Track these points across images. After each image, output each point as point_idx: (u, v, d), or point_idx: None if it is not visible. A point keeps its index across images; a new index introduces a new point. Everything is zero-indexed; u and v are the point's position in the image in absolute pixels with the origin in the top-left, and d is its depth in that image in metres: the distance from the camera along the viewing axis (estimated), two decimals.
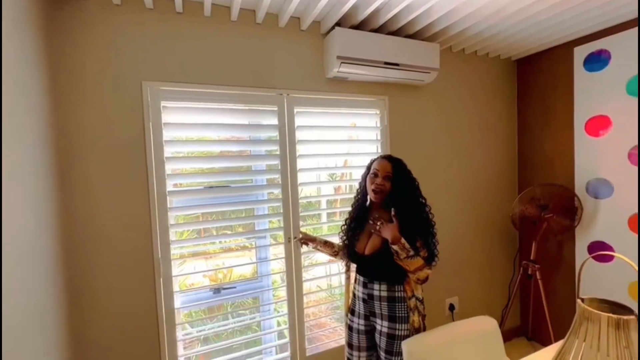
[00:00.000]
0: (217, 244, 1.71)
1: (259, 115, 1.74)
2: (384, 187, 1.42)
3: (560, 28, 1.97)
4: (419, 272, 1.32)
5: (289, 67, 1.77)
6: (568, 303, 2.24)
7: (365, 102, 1.97)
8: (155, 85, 1.49)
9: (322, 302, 1.96)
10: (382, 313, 1.43)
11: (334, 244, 1.70)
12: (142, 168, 1.49)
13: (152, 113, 1.49)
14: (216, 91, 1.61)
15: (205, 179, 1.64)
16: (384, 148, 2.02)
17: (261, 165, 1.81)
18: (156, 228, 1.51)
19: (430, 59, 1.92)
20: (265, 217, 1.77)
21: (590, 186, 2.07)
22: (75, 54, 1.37)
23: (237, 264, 1.72)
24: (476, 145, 2.38)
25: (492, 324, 1.47)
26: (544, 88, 2.33)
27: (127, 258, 1.48)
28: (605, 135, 1.98)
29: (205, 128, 1.62)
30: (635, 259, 1.86)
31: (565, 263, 2.26)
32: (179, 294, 1.59)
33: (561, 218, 2.08)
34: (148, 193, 1.50)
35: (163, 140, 1.51)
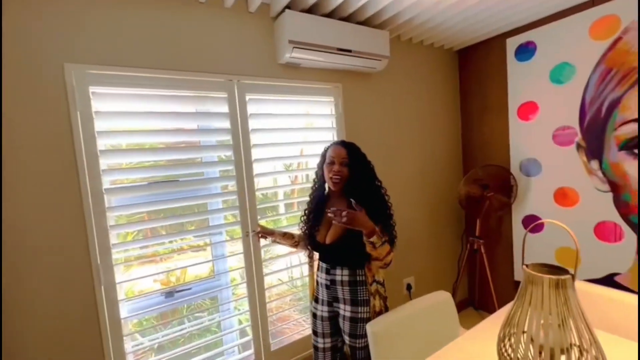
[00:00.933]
0: (167, 244, 1.57)
1: (207, 103, 1.61)
2: (342, 174, 1.41)
3: (494, 20, 2.12)
4: (386, 258, 1.34)
5: (238, 52, 1.67)
6: (507, 273, 2.48)
7: (319, 90, 1.94)
8: (81, 68, 1.30)
9: (285, 295, 1.92)
10: (345, 297, 1.43)
11: (294, 235, 1.67)
12: (71, 164, 1.29)
13: (80, 100, 1.30)
14: (157, 76, 1.45)
15: (148, 173, 1.49)
16: (340, 136, 2.02)
17: (212, 157, 1.69)
18: (92, 231, 1.33)
19: (381, 47, 1.95)
20: (219, 211, 1.67)
21: (523, 165, 2.29)
22: None
23: (191, 264, 1.60)
24: (425, 131, 2.49)
25: (446, 297, 1.55)
26: (481, 77, 2.51)
27: (60, 267, 1.29)
28: (534, 119, 2.20)
29: (146, 117, 1.46)
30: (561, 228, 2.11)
31: (504, 236, 2.49)
32: (125, 302, 1.43)
33: (500, 195, 2.28)
34: (80, 192, 1.31)
35: (95, 131, 1.33)
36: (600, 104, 1.88)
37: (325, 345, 1.55)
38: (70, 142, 1.29)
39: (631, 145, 1.79)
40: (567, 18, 1.97)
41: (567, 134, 2.04)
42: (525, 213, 2.31)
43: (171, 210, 1.58)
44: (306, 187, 1.94)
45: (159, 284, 1.65)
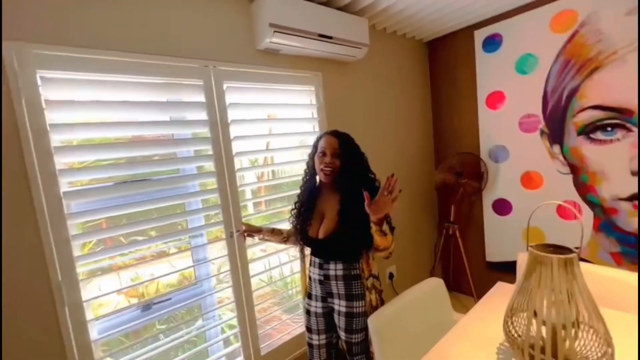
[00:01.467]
0: (140, 251, 1.38)
1: (180, 91, 1.44)
2: (334, 166, 1.35)
3: (463, 12, 2.18)
4: (391, 246, 1.30)
5: (213, 35, 1.51)
6: (479, 254, 2.62)
7: (300, 78, 1.85)
8: (25, 47, 1.07)
9: (269, 296, 1.82)
10: (339, 292, 1.39)
11: (282, 231, 1.58)
12: (17, 164, 1.07)
13: (25, 87, 1.07)
14: (120, 59, 1.26)
15: (114, 172, 1.29)
16: (322, 126, 1.95)
17: (188, 152, 1.53)
18: (50, 243, 1.12)
19: (361, 34, 1.90)
20: (199, 211, 1.52)
21: (492, 152, 2.42)
22: None
23: (171, 271, 1.43)
24: (399, 120, 2.51)
25: (439, 283, 1.58)
26: (451, 68, 2.59)
27: (11, 288, 1.07)
28: (501, 108, 2.32)
29: (108, 107, 1.26)
30: (529, 209, 2.27)
31: (475, 220, 2.62)
32: (94, 322, 1.24)
33: (473, 182, 2.38)
34: (31, 197, 1.09)
35: (47, 124, 1.11)
36: (561, 93, 2.02)
37: (321, 342, 1.50)
38: (16, 137, 1.06)
39: (588, 131, 1.95)
40: (530, 11, 2.09)
41: (531, 122, 2.18)
42: (495, 197, 2.44)
43: (143, 214, 1.40)
44: (291, 180, 1.86)
45: (134, 297, 1.46)
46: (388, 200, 1.19)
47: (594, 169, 1.96)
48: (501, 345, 1.09)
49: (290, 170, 1.88)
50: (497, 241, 2.49)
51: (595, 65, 1.87)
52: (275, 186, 1.88)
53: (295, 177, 1.76)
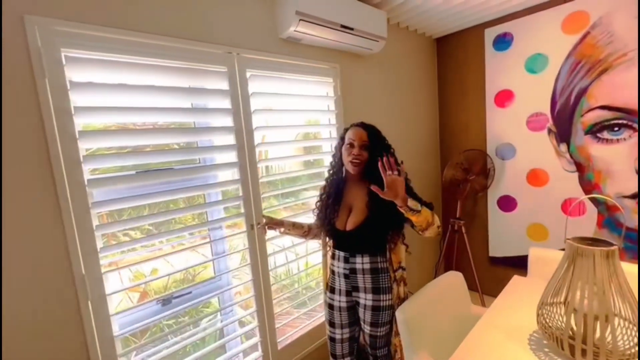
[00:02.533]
0: (160, 243, 1.33)
1: (203, 78, 1.38)
2: (362, 157, 1.34)
3: (474, 10, 2.20)
4: (435, 219, 1.30)
5: (238, 21, 1.46)
6: (483, 250, 2.67)
7: (319, 70, 1.82)
8: (48, 24, 0.99)
9: (290, 289, 1.80)
10: (366, 286, 1.39)
11: (303, 224, 1.56)
12: (41, 150, 1.00)
13: (49, 67, 1.00)
14: (145, 41, 1.19)
15: (137, 160, 1.23)
16: (339, 119, 1.93)
17: (209, 141, 1.48)
18: (74, 234, 1.06)
19: (379, 27, 1.88)
20: (219, 203, 1.47)
21: (498, 150, 2.46)
22: None
23: (190, 265, 1.39)
24: (408, 116, 2.52)
25: (459, 277, 1.60)
26: (459, 65, 2.61)
27: (34, 283, 1.00)
28: (510, 106, 2.36)
29: (132, 91, 1.19)
30: (534, 205, 2.34)
31: (479, 216, 2.67)
32: (116, 316, 1.18)
33: (481, 178, 2.43)
34: (55, 185, 1.02)
35: (71, 106, 1.04)
36: (570, 93, 2.08)
37: (344, 335, 1.49)
38: (39, 121, 0.99)
39: (595, 130, 2.02)
40: (543, 12, 2.13)
41: (539, 120, 2.23)
42: (500, 194, 2.50)
43: (164, 204, 1.34)
44: (314, 172, 1.83)
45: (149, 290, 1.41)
46: (395, 177, 1.19)
47: (599, 167, 2.03)
48: (532, 335, 1.11)
49: (285, 166, 1.85)
50: (501, 237, 2.54)
51: (605, 67, 1.93)
52: (292, 179, 1.84)
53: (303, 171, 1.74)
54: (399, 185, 1.18)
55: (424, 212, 1.25)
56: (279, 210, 1.74)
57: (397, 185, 1.18)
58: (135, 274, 1.41)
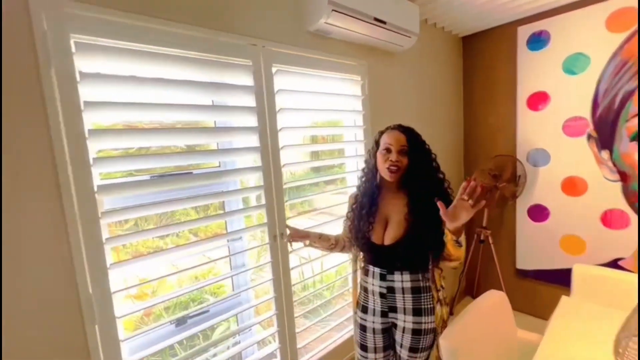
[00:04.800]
0: (180, 255, 1.18)
1: (225, 71, 1.24)
2: (401, 164, 1.20)
3: (506, 8, 2.06)
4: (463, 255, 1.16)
5: (263, 10, 1.32)
6: (509, 262, 2.51)
7: (346, 66, 1.67)
8: (55, 5, 0.85)
9: (309, 304, 1.65)
10: (406, 307, 1.24)
11: (330, 236, 1.41)
12: (44, 150, 0.85)
13: (56, 54, 0.86)
14: (161, 27, 1.05)
15: (151, 163, 1.09)
16: (366, 120, 1.78)
17: (229, 143, 1.33)
18: (80, 248, 0.91)
19: (412, 22, 1.74)
20: (242, 211, 1.32)
21: (530, 155, 2.31)
22: None
23: (211, 282, 1.24)
24: (432, 118, 2.37)
25: (501, 296, 1.45)
26: (488, 65, 2.46)
27: (33, 304, 0.86)
28: (544, 109, 2.21)
29: (146, 84, 1.05)
30: (569, 216, 2.18)
31: (506, 226, 2.51)
32: (127, 342, 1.04)
33: (511, 186, 2.27)
34: (60, 192, 0.88)
35: (81, 101, 0.90)
36: (614, 96, 1.92)
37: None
38: (43, 116, 0.85)
39: None
40: (584, 9, 1.97)
41: (577, 125, 2.08)
42: (531, 203, 2.34)
43: (178, 214, 1.20)
44: (338, 177, 1.69)
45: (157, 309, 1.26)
46: (467, 206, 1.03)
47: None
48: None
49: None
50: (530, 248, 2.38)
51: None
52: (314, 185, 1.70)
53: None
54: (465, 215, 1.02)
55: (464, 247, 1.13)
56: (298, 219, 1.59)
57: (464, 215, 1.02)
58: (142, 290, 1.27)
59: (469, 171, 2.63)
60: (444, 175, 1.28)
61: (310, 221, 1.63)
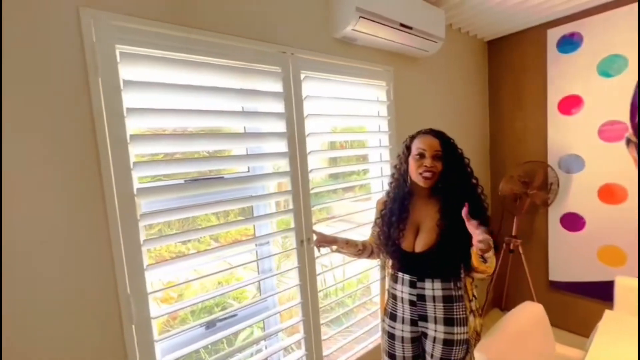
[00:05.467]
0: (207, 259, 1.21)
1: (255, 79, 1.27)
2: (436, 169, 1.17)
3: (536, 10, 2.01)
4: (491, 269, 1.11)
5: (292, 20, 1.35)
6: (541, 273, 2.40)
7: (372, 72, 1.68)
8: (104, 17, 0.91)
9: (333, 311, 1.63)
10: (437, 316, 1.20)
11: (357, 242, 1.39)
12: (91, 155, 0.90)
13: (104, 64, 0.91)
14: (198, 37, 1.09)
15: (187, 168, 1.12)
16: (390, 126, 1.77)
17: (258, 148, 1.36)
18: (120, 249, 0.95)
19: (438, 27, 1.73)
20: (269, 216, 1.34)
21: (562, 162, 2.21)
22: None
23: (240, 285, 1.25)
24: (460, 125, 2.33)
25: (538, 309, 1.38)
26: (515, 69, 2.40)
27: (74, 308, 0.89)
28: (577, 114, 2.12)
29: (182, 91, 1.09)
30: (607, 225, 2.06)
31: (538, 235, 2.41)
32: (160, 342, 1.06)
33: (542, 193, 2.18)
34: (103, 195, 0.92)
35: (124, 107, 0.94)
36: None
37: None
38: (90, 122, 0.90)
39: None
40: (619, 9, 1.90)
41: (615, 129, 1.98)
42: (564, 211, 2.23)
43: (207, 218, 1.22)
44: (362, 183, 1.68)
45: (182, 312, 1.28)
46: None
47: None
48: None
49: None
50: (564, 259, 2.27)
51: None
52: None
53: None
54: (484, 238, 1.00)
55: (491, 263, 1.07)
56: (323, 223, 1.59)
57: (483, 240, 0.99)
58: (168, 293, 1.30)
59: (496, 177, 2.54)
60: (477, 180, 1.25)
61: (331, 228, 1.62)
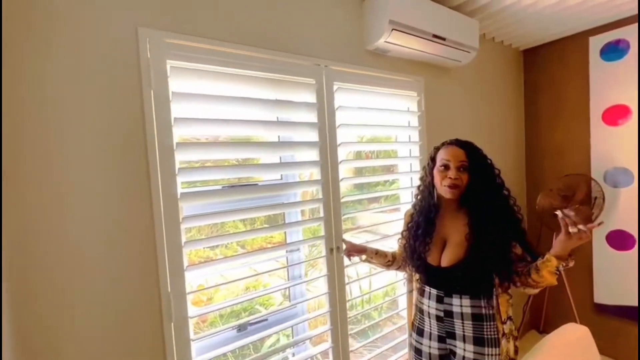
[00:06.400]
0: (241, 263, 1.25)
1: (289, 90, 1.32)
2: (461, 181, 1.14)
3: (577, 17, 1.94)
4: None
5: (326, 33, 1.40)
6: (585, 294, 2.23)
7: (403, 83, 1.69)
8: (158, 36, 1.00)
9: (361, 323, 1.61)
10: (465, 334, 1.15)
11: (387, 253, 1.38)
12: (141, 161, 0.98)
13: (156, 77, 0.99)
14: (238, 52, 1.16)
15: (226, 174, 1.18)
16: (421, 136, 1.76)
17: (291, 157, 1.40)
18: (163, 249, 1.01)
19: (471, 37, 1.72)
20: (300, 223, 1.36)
21: (608, 175, 2.08)
22: None
23: (271, 290, 1.28)
24: (492, 135, 2.27)
25: (583, 332, 1.29)
26: (554, 78, 2.31)
27: (119, 302, 0.95)
28: (625, 124, 2.00)
29: (224, 102, 1.15)
30: None
31: (581, 253, 2.25)
32: (195, 342, 1.10)
33: (586, 208, 2.05)
34: (151, 198, 0.99)
35: (172, 117, 1.02)
36: None
37: None
38: (142, 131, 0.98)
39: None
40: None
41: None
42: (611, 228, 2.08)
43: (227, 226, 1.27)
44: (390, 194, 1.67)
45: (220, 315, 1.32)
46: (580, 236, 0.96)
47: None
48: None
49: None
50: (612, 280, 2.10)
51: None
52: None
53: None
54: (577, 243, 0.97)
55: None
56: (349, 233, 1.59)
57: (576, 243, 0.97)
58: (198, 296, 1.34)
59: (533, 191, 2.43)
60: (509, 191, 1.20)
61: (356, 239, 1.62)
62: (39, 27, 0.84)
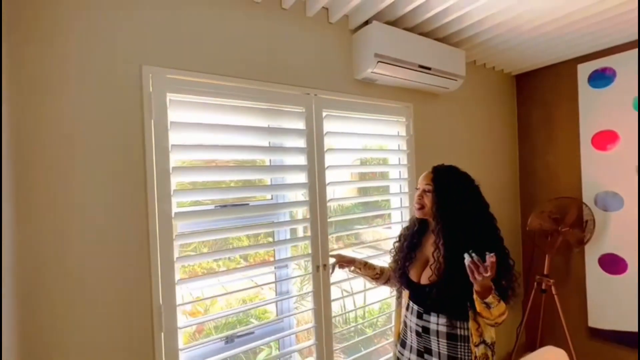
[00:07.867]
0: (232, 278, 1.33)
1: (281, 118, 1.43)
2: (422, 203, 1.22)
3: (564, 46, 2.02)
4: (498, 318, 1.08)
5: (316, 64, 1.52)
6: (579, 318, 2.23)
7: (391, 109, 1.78)
8: (160, 72, 1.12)
9: (348, 338, 1.66)
10: (441, 352, 1.19)
11: (375, 266, 1.45)
12: (140, 183, 1.09)
13: (156, 108, 1.11)
14: (232, 84, 1.28)
15: (218, 195, 1.28)
16: (410, 159, 1.84)
17: (281, 179, 1.49)
18: (157, 264, 1.10)
19: (457, 66, 1.81)
20: (288, 242, 1.45)
21: (599, 199, 2.11)
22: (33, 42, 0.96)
23: (256, 305, 1.35)
24: (484, 157, 2.33)
25: (559, 354, 1.31)
26: (544, 103, 2.38)
27: (114, 311, 1.05)
28: (613, 150, 2.04)
29: (219, 130, 1.27)
30: None
31: (574, 276, 2.26)
32: (184, 351, 1.18)
33: (577, 231, 2.08)
34: (147, 216, 1.09)
35: (169, 144, 1.13)
36: None
37: None
38: (142, 156, 1.09)
39: None
40: None
41: None
42: (603, 252, 2.09)
43: (233, 240, 1.36)
44: (380, 213, 1.74)
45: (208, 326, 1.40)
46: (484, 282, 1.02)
47: None
48: None
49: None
50: (605, 304, 2.10)
51: None
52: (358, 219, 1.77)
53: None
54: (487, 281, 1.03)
55: (498, 307, 1.06)
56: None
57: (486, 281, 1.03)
58: (196, 307, 1.43)
59: (527, 212, 2.46)
60: (487, 207, 1.25)
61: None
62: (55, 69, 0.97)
